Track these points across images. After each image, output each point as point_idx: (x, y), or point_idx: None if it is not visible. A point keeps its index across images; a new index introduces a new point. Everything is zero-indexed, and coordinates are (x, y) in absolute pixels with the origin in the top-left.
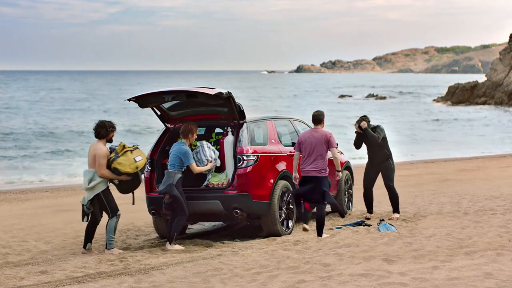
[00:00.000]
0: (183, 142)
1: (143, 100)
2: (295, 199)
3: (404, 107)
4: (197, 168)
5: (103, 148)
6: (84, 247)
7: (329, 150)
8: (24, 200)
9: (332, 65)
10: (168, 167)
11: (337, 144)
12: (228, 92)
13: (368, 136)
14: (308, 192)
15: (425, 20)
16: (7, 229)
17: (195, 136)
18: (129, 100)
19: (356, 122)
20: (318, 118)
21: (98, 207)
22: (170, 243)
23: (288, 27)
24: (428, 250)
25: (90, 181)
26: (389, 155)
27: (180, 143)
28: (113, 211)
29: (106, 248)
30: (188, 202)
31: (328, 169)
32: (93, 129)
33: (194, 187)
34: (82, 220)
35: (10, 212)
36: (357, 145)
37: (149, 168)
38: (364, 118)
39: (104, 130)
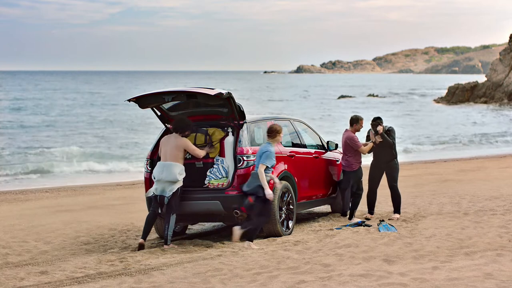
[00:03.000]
0: (269, 143)
1: (143, 101)
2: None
3: (405, 107)
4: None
5: (187, 139)
6: (144, 238)
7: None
8: (24, 200)
9: (332, 66)
10: (254, 169)
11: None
12: (228, 92)
13: (385, 141)
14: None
15: (425, 20)
16: (7, 230)
17: (277, 137)
18: (129, 100)
19: (372, 122)
20: (350, 121)
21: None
22: (250, 241)
23: (288, 27)
24: (428, 250)
25: (180, 174)
26: (395, 156)
27: (267, 144)
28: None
29: (166, 244)
30: (188, 203)
31: (354, 165)
32: (175, 125)
33: (194, 187)
34: (158, 212)
35: (10, 212)
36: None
37: (149, 168)
38: (379, 121)
39: (181, 130)
